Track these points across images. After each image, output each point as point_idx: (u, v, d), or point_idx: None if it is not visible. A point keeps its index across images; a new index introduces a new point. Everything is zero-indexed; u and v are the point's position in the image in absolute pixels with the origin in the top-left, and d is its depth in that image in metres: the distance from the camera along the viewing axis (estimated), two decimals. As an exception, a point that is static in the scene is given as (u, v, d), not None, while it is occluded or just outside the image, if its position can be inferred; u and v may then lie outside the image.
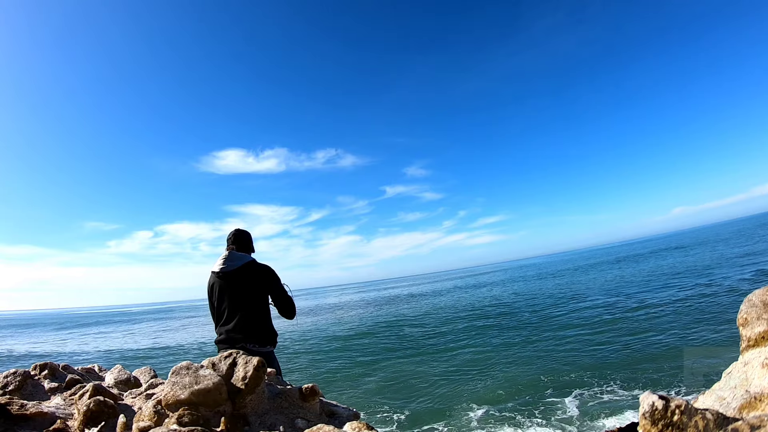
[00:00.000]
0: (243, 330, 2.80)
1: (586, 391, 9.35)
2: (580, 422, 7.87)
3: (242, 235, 3.14)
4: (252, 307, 2.85)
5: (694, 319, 14.47)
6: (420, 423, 8.87)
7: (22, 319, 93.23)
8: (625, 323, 15.74)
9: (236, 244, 3.08)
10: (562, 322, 18.05)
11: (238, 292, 2.85)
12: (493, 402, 9.56)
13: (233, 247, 3.05)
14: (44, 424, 1.27)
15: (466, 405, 9.56)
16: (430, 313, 29.49)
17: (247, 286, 2.86)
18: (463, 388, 10.87)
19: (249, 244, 3.18)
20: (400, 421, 9.14)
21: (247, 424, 1.20)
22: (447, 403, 9.87)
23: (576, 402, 8.81)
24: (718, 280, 21.72)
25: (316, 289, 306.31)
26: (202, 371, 1.25)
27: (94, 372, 2.90)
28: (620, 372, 10.33)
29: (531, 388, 10.09)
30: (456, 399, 10.08)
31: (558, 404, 8.87)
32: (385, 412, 9.77)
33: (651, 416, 0.74)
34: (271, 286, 2.94)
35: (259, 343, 2.83)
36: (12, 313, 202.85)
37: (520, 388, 10.27)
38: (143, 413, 1.21)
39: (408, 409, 9.77)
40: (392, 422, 9.09)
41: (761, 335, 0.96)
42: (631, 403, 8.24)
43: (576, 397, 9.09)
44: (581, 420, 7.94)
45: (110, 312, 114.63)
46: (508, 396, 9.82)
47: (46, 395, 1.74)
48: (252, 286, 2.87)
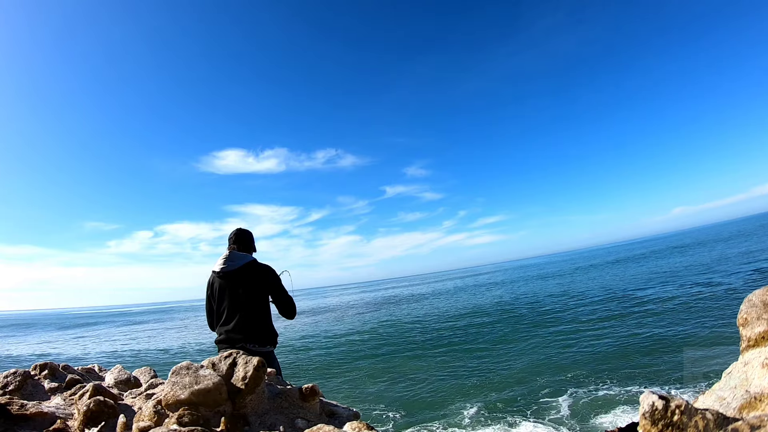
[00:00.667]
0: (243, 330, 2.79)
1: (585, 390, 9.35)
2: (579, 422, 7.87)
3: (244, 235, 3.13)
4: (252, 307, 2.84)
5: (693, 319, 14.47)
6: (420, 423, 8.87)
7: (22, 319, 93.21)
8: (625, 323, 15.74)
9: (237, 243, 3.07)
10: (562, 322, 18.05)
11: (238, 292, 2.84)
12: (494, 402, 9.56)
13: (234, 247, 3.04)
14: (44, 424, 1.27)
15: (466, 405, 9.56)
16: (430, 312, 29.49)
17: (247, 286, 2.85)
18: (463, 388, 10.87)
19: (251, 243, 3.16)
20: (400, 421, 9.14)
21: (247, 424, 1.20)
22: (447, 403, 9.87)
23: (575, 401, 8.81)
24: (718, 280, 21.72)
25: (316, 289, 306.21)
26: (202, 371, 1.25)
27: (94, 372, 2.90)
28: (620, 372, 10.33)
29: (531, 389, 10.09)
30: (456, 399, 10.08)
31: (557, 404, 8.87)
32: (385, 411, 9.77)
33: (651, 416, 0.74)
34: (271, 286, 2.94)
35: (258, 343, 2.83)
36: (12, 313, 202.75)
37: (519, 388, 10.27)
38: (143, 413, 1.21)
39: (408, 409, 9.77)
40: (392, 422, 9.09)
41: (761, 335, 0.96)
42: (630, 403, 8.24)
43: (575, 396, 9.09)
44: (581, 420, 7.95)
45: (110, 312, 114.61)
46: (508, 396, 9.82)
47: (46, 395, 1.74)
48: (252, 286, 2.86)
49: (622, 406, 8.17)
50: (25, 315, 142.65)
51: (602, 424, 7.60)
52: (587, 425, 7.70)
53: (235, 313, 2.82)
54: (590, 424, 7.70)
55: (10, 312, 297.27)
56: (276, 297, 2.96)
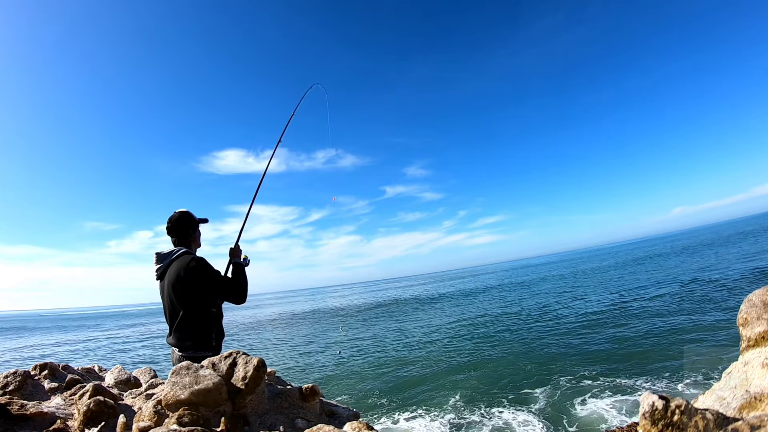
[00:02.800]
0: (175, 337, 2.50)
1: (585, 391, 9.35)
2: (579, 422, 7.87)
3: (178, 223, 2.62)
4: (182, 311, 2.47)
5: (693, 318, 14.47)
6: (420, 422, 8.88)
7: (22, 319, 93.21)
8: (624, 323, 15.73)
9: (173, 235, 2.63)
10: (561, 322, 18.05)
11: (168, 296, 2.51)
12: (493, 401, 9.56)
13: (174, 239, 2.63)
14: (44, 424, 1.27)
15: (466, 404, 9.56)
16: (430, 312, 29.49)
17: (174, 288, 2.46)
18: (464, 388, 10.86)
19: (187, 230, 2.64)
20: (400, 420, 9.14)
21: (247, 424, 1.20)
22: (448, 403, 9.86)
23: (575, 402, 8.82)
24: (717, 279, 21.72)
25: (315, 290, 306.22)
26: (202, 371, 1.25)
27: (94, 372, 2.89)
28: (619, 372, 10.33)
29: (531, 389, 10.09)
30: (456, 398, 10.08)
31: (557, 404, 8.87)
32: (385, 411, 9.77)
33: (651, 416, 0.74)
34: (202, 286, 2.45)
35: (193, 348, 2.45)
36: (12, 313, 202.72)
37: (520, 389, 10.27)
38: (143, 413, 1.21)
39: (408, 409, 9.77)
40: (392, 422, 9.09)
41: (761, 335, 0.96)
42: (630, 403, 8.24)
43: (574, 396, 9.09)
44: (581, 420, 7.95)
45: (110, 312, 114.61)
46: (508, 396, 9.82)
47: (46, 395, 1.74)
48: (179, 287, 2.45)
49: (622, 407, 8.17)
50: (25, 315, 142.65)
51: (602, 424, 7.61)
52: (587, 425, 7.70)
53: (171, 319, 2.53)
54: (590, 425, 7.70)
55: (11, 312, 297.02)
56: (214, 293, 2.50)
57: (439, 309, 31.40)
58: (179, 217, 2.63)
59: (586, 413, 8.20)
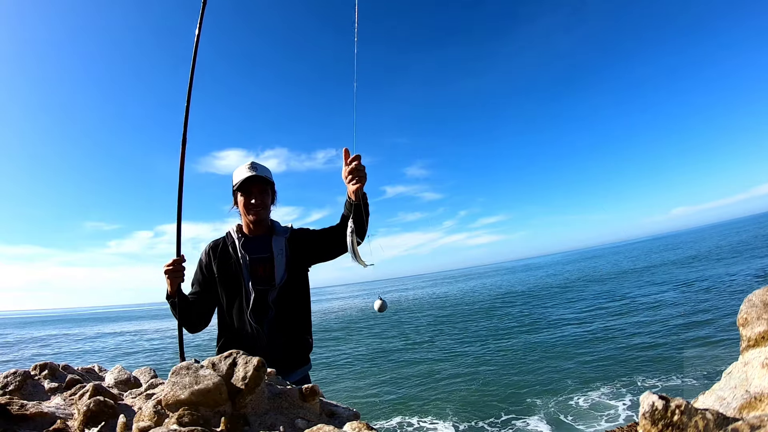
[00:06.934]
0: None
1: (584, 391, 9.35)
2: (580, 423, 7.87)
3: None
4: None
5: (693, 319, 14.47)
6: (420, 422, 8.87)
7: (22, 319, 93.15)
8: (624, 323, 15.73)
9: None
10: (560, 322, 18.04)
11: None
12: (493, 401, 9.56)
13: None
14: (44, 424, 1.27)
15: (466, 404, 9.56)
16: (430, 313, 29.47)
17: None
18: (464, 389, 10.86)
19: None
20: (400, 420, 9.14)
21: (247, 424, 1.20)
22: (448, 404, 9.86)
23: (574, 402, 8.81)
24: (718, 279, 21.71)
25: (315, 289, 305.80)
26: (202, 371, 1.25)
27: (94, 372, 2.89)
28: (619, 372, 10.32)
29: (531, 389, 10.09)
30: (456, 399, 10.08)
31: (557, 404, 8.87)
32: (385, 412, 9.77)
33: (651, 416, 0.74)
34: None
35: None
36: (12, 313, 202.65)
37: (519, 387, 10.27)
38: (143, 413, 1.21)
39: (408, 409, 9.77)
40: (392, 422, 9.09)
41: (761, 335, 0.96)
42: (630, 403, 8.24)
43: (574, 396, 9.09)
44: (581, 420, 7.94)
45: (110, 312, 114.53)
46: (508, 396, 9.81)
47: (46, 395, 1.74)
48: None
49: (622, 407, 8.17)
50: (25, 315, 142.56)
51: (602, 424, 7.60)
52: (587, 426, 7.70)
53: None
54: (590, 425, 7.69)
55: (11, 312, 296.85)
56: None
57: (440, 309, 31.39)
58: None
59: (586, 413, 8.20)
